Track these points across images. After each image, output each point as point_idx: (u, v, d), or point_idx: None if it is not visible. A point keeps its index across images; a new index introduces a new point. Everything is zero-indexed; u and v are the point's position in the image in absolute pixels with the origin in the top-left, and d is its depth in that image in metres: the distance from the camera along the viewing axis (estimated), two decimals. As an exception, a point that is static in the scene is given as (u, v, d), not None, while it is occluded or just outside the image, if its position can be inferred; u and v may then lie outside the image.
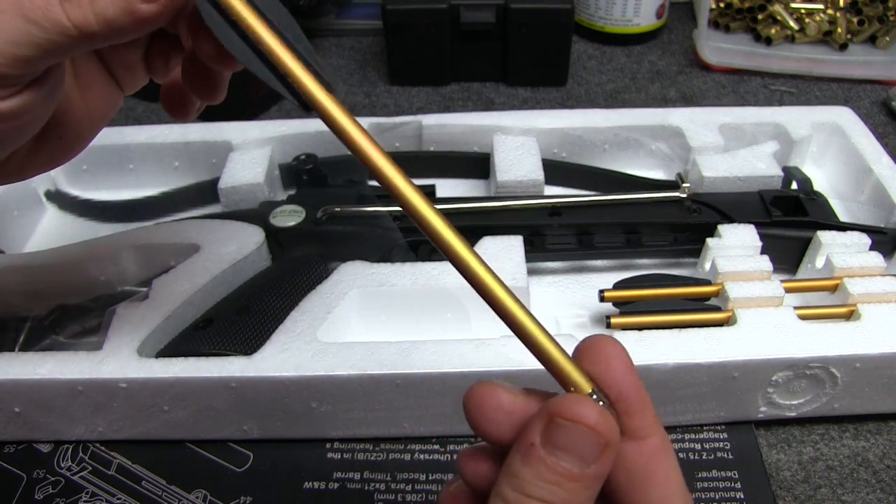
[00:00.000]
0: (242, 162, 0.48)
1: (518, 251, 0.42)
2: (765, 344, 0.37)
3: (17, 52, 0.22)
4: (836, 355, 0.37)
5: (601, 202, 0.45)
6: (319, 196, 0.46)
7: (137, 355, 0.36)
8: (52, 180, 0.52)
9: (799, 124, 0.51)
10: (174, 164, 0.52)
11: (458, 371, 0.36)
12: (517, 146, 0.49)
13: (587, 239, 0.45)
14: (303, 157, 0.49)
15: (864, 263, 0.41)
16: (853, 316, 0.39)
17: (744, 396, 0.38)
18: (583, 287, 0.45)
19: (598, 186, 0.50)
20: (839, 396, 0.38)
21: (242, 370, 0.36)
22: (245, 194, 0.47)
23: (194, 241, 0.43)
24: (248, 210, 0.46)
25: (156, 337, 0.38)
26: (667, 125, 0.51)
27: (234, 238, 0.43)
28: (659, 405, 0.37)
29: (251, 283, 0.41)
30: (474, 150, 0.51)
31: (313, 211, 0.45)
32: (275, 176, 0.50)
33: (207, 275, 0.41)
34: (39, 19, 0.22)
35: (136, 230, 0.45)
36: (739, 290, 0.39)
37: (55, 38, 0.22)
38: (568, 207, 0.45)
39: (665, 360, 0.36)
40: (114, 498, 0.37)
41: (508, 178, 0.47)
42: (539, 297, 0.44)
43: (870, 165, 0.48)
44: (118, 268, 0.43)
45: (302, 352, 0.36)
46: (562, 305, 0.44)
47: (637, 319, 0.39)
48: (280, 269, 0.42)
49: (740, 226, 0.43)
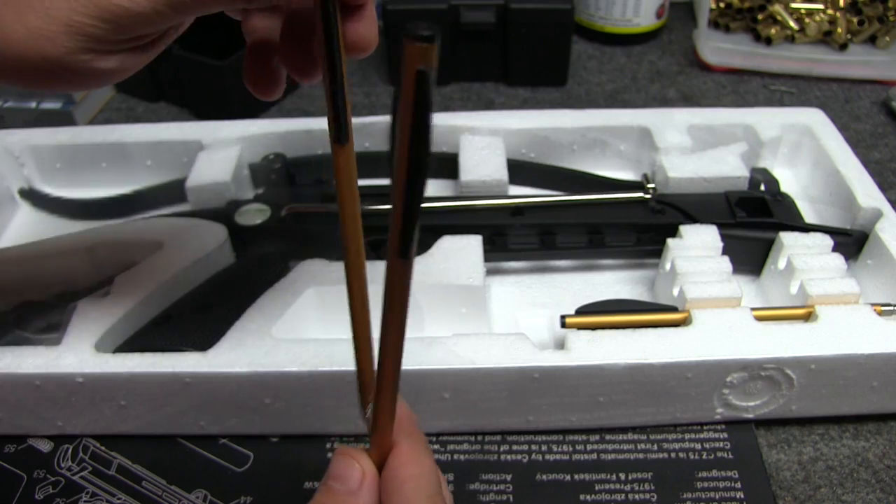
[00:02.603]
0: (210, 161, 0.49)
1: (476, 250, 0.42)
2: (719, 344, 0.37)
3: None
4: (790, 356, 0.36)
5: (564, 202, 0.46)
6: (286, 195, 0.47)
7: (95, 350, 0.37)
8: (26, 178, 0.52)
9: (769, 126, 0.51)
10: (146, 162, 0.52)
11: (409, 369, 0.36)
12: (483, 146, 0.49)
13: (550, 239, 0.45)
14: (271, 156, 0.49)
15: (825, 265, 0.41)
16: (811, 317, 0.39)
17: (699, 397, 0.38)
18: (545, 287, 0.46)
19: (564, 187, 0.50)
20: (796, 398, 0.38)
21: (196, 366, 0.36)
22: (212, 193, 0.47)
23: (158, 238, 0.43)
24: (215, 208, 0.46)
25: (115, 333, 0.38)
26: (635, 126, 0.51)
27: (197, 236, 0.43)
28: (617, 406, 0.38)
29: (211, 281, 0.42)
30: (443, 150, 0.51)
31: (279, 210, 0.45)
32: (244, 175, 0.50)
33: (168, 272, 0.41)
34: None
35: (101, 227, 0.45)
36: (696, 290, 0.39)
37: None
38: (531, 207, 0.45)
39: (616, 361, 0.36)
40: (114, 498, 0.37)
41: (472, 178, 0.47)
42: (500, 297, 0.45)
43: (837, 167, 0.48)
44: (83, 264, 0.43)
45: (256, 348, 0.37)
46: (523, 305, 0.44)
47: (593, 319, 0.39)
48: (239, 268, 0.43)
49: (702, 226, 0.43)
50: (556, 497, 0.37)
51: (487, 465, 0.38)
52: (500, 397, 0.37)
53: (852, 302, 0.39)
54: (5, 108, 0.61)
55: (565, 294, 0.45)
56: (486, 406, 0.37)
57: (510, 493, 0.37)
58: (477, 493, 0.37)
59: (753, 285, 0.46)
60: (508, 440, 0.39)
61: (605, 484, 0.37)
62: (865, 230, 0.45)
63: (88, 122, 0.64)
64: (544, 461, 0.38)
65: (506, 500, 0.36)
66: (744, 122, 0.51)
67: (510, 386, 0.36)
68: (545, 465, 0.38)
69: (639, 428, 0.39)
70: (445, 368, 0.36)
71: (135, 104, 0.66)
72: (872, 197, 0.45)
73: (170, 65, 0.61)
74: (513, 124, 0.51)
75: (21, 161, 0.52)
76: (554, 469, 0.38)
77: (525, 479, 0.37)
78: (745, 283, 0.46)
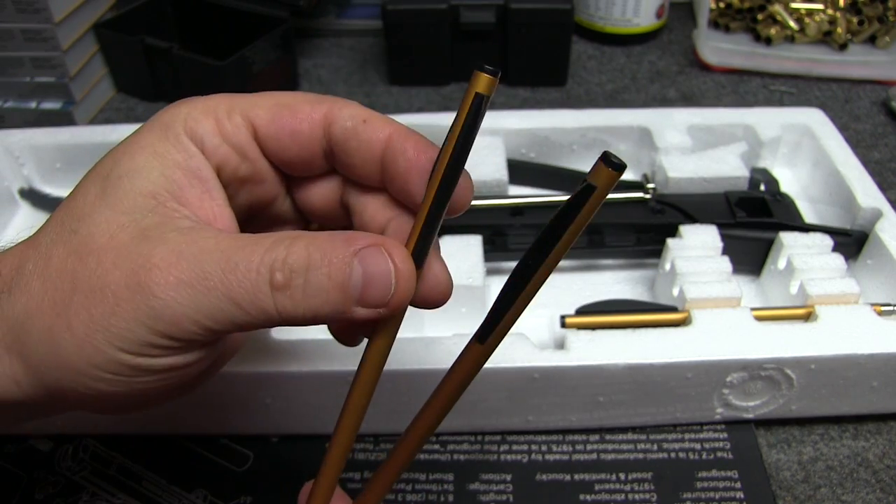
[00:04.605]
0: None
1: (476, 250, 0.42)
2: (719, 344, 0.37)
3: (212, 326, 0.21)
4: (790, 356, 0.36)
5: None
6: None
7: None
8: (26, 178, 0.52)
9: (769, 125, 0.51)
10: (146, 162, 0.52)
11: (409, 369, 0.36)
12: (483, 146, 0.49)
13: (550, 239, 0.45)
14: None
15: (825, 265, 0.41)
16: (811, 317, 0.39)
17: (699, 397, 0.38)
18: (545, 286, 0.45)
19: (564, 186, 0.50)
20: (796, 398, 0.38)
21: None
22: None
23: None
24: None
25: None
26: (634, 126, 0.51)
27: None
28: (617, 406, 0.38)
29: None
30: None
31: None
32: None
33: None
34: (245, 304, 0.21)
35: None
36: (696, 290, 0.39)
37: (254, 321, 0.21)
38: (531, 207, 0.45)
39: (616, 361, 0.36)
40: (114, 498, 0.37)
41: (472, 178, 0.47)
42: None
43: (837, 167, 0.48)
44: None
45: (256, 348, 0.37)
46: (523, 305, 0.44)
47: (593, 319, 0.39)
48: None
49: (702, 226, 0.43)
50: (556, 497, 0.37)
51: (487, 465, 0.38)
52: (500, 397, 0.37)
53: (852, 302, 0.39)
54: (5, 108, 0.61)
55: (565, 294, 0.45)
56: (486, 406, 0.37)
57: (510, 493, 0.37)
58: (477, 493, 0.37)
59: (753, 285, 0.46)
60: (508, 440, 0.39)
61: (604, 484, 0.37)
62: (865, 230, 0.45)
63: (88, 122, 0.64)
64: (544, 461, 0.38)
65: (506, 500, 0.36)
66: (744, 122, 0.51)
67: (510, 386, 0.36)
68: (545, 465, 0.38)
69: (639, 428, 0.39)
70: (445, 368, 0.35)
71: (135, 104, 0.66)
72: (872, 197, 0.45)
73: (170, 65, 0.61)
74: (513, 124, 0.51)
75: (21, 161, 0.52)
76: (554, 469, 0.38)
77: (525, 479, 0.37)
78: (745, 283, 0.46)
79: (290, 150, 0.24)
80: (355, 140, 0.24)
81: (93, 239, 0.21)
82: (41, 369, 0.21)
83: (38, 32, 0.58)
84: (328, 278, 0.21)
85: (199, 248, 0.21)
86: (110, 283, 0.21)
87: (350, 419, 0.25)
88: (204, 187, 0.23)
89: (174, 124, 0.23)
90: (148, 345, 0.21)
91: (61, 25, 0.58)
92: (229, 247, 0.21)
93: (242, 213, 0.26)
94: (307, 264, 0.21)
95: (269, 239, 0.21)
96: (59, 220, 0.23)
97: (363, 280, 0.21)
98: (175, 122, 0.23)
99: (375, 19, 0.74)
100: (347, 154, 0.24)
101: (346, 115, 0.24)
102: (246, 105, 0.24)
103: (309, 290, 0.21)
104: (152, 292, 0.20)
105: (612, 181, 0.19)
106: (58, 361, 0.21)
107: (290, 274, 0.21)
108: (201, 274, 0.21)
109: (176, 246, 0.21)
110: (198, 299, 0.20)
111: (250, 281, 0.21)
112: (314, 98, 0.24)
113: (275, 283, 0.21)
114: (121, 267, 0.21)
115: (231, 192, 0.25)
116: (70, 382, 0.21)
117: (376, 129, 0.24)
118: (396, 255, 0.22)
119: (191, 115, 0.24)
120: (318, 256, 0.21)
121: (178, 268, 0.21)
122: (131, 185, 0.22)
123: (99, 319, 0.21)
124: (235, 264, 0.21)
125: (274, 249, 0.21)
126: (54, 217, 0.23)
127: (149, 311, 0.20)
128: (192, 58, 0.60)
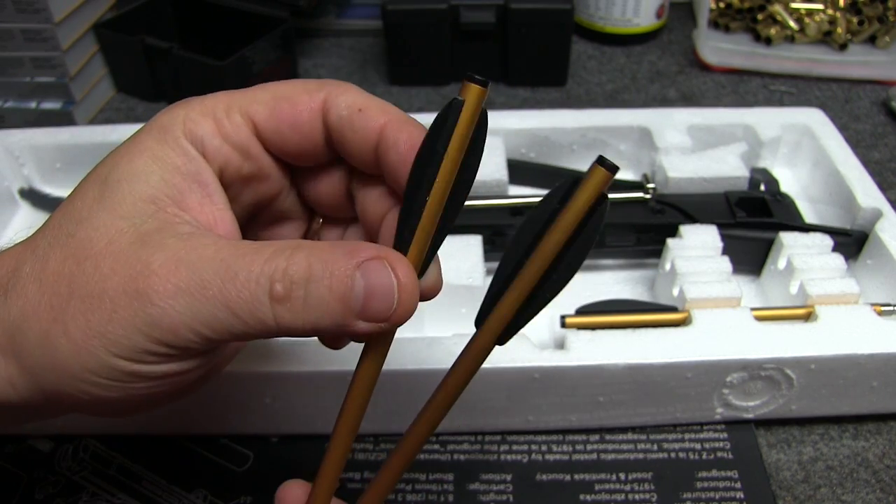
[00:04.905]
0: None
1: (476, 250, 0.42)
2: (719, 344, 0.37)
3: (209, 335, 0.21)
4: (790, 356, 0.37)
5: (564, 202, 0.45)
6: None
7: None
8: (26, 178, 0.52)
9: (769, 126, 0.51)
10: (146, 162, 0.52)
11: (409, 369, 0.36)
12: (483, 146, 0.49)
13: (549, 239, 0.45)
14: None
15: (825, 265, 0.41)
16: (811, 317, 0.39)
17: (699, 397, 0.38)
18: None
19: (564, 187, 0.50)
20: (796, 398, 0.38)
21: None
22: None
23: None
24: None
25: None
26: (634, 126, 0.51)
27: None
28: (617, 406, 0.38)
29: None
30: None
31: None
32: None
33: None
34: (243, 315, 0.20)
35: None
36: (696, 290, 0.39)
37: (252, 332, 0.21)
38: (530, 207, 0.45)
39: (616, 361, 0.36)
40: (114, 498, 0.37)
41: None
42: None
43: (837, 167, 0.48)
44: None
45: (259, 348, 0.37)
46: (523, 305, 0.44)
47: (593, 319, 0.39)
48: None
49: (702, 226, 0.43)
50: (556, 497, 0.37)
51: (487, 465, 0.38)
52: (500, 397, 0.37)
53: (852, 302, 0.39)
54: (5, 108, 0.61)
55: (565, 294, 0.44)
56: (486, 406, 0.37)
57: (510, 492, 0.37)
58: (477, 493, 0.37)
59: (753, 285, 0.46)
60: (508, 440, 0.39)
61: (604, 484, 0.37)
62: (865, 230, 0.45)
63: (88, 122, 0.64)
64: (544, 461, 0.38)
65: (506, 499, 0.36)
66: (744, 122, 0.51)
67: (510, 386, 0.36)
68: (545, 465, 0.38)
69: (639, 428, 0.39)
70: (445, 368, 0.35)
71: (135, 104, 0.66)
72: (872, 197, 0.45)
73: (170, 65, 0.61)
74: (513, 124, 0.51)
75: (21, 161, 0.52)
76: (554, 469, 0.38)
77: (525, 479, 0.37)
78: (745, 283, 0.46)
79: (292, 142, 0.24)
80: (350, 130, 0.23)
81: (91, 243, 0.21)
82: (37, 372, 0.21)
83: (38, 32, 0.58)
84: (329, 291, 0.21)
85: (199, 255, 0.21)
86: (108, 289, 0.21)
87: (350, 419, 0.24)
88: (204, 191, 0.23)
89: (173, 127, 0.23)
90: (144, 352, 0.21)
91: (61, 25, 0.58)
92: (229, 255, 0.21)
93: (246, 211, 0.26)
94: (308, 276, 0.21)
95: (270, 248, 0.21)
96: (56, 222, 0.22)
97: (365, 293, 0.21)
98: (174, 125, 0.23)
99: (375, 19, 0.74)
100: (343, 143, 0.24)
101: (342, 104, 0.23)
102: (244, 101, 0.24)
103: (309, 302, 0.21)
104: (150, 300, 0.20)
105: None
106: (54, 365, 0.21)
107: (290, 285, 0.20)
108: (200, 282, 0.20)
109: (175, 253, 0.21)
110: (196, 308, 0.20)
111: (249, 291, 0.20)
112: (313, 85, 0.24)
113: (274, 295, 0.20)
114: (119, 273, 0.21)
115: (234, 191, 0.25)
116: (66, 387, 0.21)
117: (371, 119, 0.23)
118: (400, 268, 0.21)
119: (189, 116, 0.23)
120: (320, 268, 0.21)
121: (177, 275, 0.20)
122: (130, 189, 0.22)
123: (96, 325, 0.21)
124: (235, 273, 0.20)
125: (274, 259, 0.21)
126: (52, 219, 0.23)
127: (146, 319, 0.20)
128: (192, 58, 0.60)
